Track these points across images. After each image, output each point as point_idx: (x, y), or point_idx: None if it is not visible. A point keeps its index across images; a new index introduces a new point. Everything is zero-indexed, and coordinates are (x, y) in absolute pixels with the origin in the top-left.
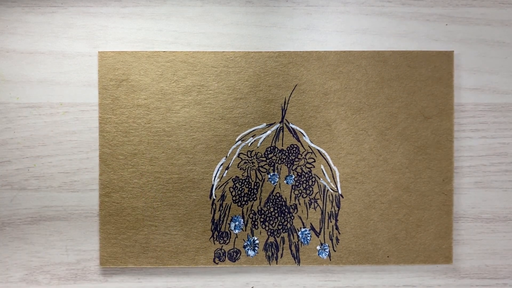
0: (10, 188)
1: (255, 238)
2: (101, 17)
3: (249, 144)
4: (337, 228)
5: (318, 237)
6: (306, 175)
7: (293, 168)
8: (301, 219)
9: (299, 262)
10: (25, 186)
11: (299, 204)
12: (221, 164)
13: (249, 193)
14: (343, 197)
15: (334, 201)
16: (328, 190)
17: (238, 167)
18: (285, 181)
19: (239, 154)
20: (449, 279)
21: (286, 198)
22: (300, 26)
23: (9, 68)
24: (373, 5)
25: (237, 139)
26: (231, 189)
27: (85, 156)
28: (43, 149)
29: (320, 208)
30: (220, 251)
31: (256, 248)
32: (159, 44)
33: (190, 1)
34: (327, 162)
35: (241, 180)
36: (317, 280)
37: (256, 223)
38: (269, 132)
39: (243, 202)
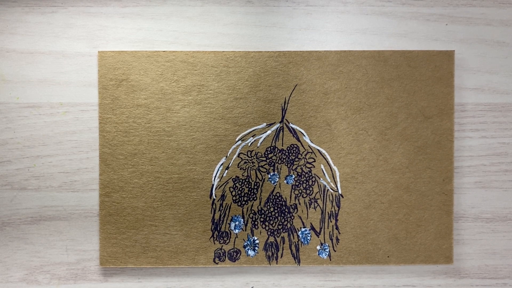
0: (10, 188)
1: (255, 238)
2: (101, 17)
3: (249, 144)
4: (337, 228)
5: (318, 237)
6: (306, 175)
7: (293, 168)
8: (301, 219)
9: (299, 262)
10: (25, 186)
11: (299, 204)
12: (221, 164)
13: (249, 193)
14: (343, 197)
15: (334, 201)
16: (328, 190)
17: (238, 167)
18: (285, 181)
19: (239, 154)
20: (449, 279)
21: (286, 198)
22: (300, 26)
23: (9, 68)
24: (373, 5)
25: (237, 139)
26: (231, 189)
27: (85, 156)
28: (43, 149)
29: (320, 208)
30: (220, 251)
31: (256, 248)
32: (159, 44)
33: (190, 1)
34: (327, 162)
35: (241, 180)
36: (317, 280)
37: (256, 223)
38: (269, 132)
39: (243, 202)
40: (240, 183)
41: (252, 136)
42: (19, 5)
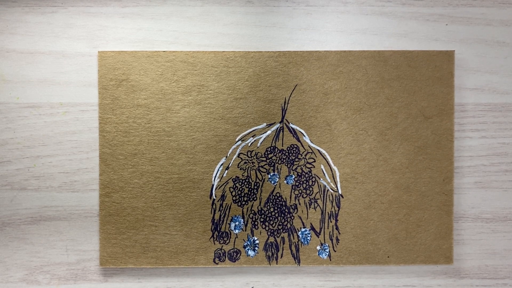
0: (10, 188)
1: (255, 238)
2: (101, 17)
3: (249, 144)
4: (337, 228)
5: (318, 237)
6: (306, 175)
7: (293, 168)
8: (301, 219)
9: (299, 262)
10: (25, 186)
11: (299, 204)
12: (221, 164)
13: (249, 193)
14: (343, 197)
15: (334, 201)
16: (328, 190)
17: (238, 167)
18: (285, 181)
19: (239, 154)
20: (449, 279)
21: (286, 198)
22: (300, 26)
23: (9, 68)
24: (373, 5)
25: (237, 139)
26: (231, 189)
27: (85, 156)
28: (43, 149)
29: (320, 208)
30: (220, 251)
31: (256, 248)
32: (159, 44)
33: (190, 1)
34: (327, 162)
35: (241, 180)
36: (317, 280)
37: (256, 223)
38: (269, 132)
39: (243, 202)
40: (240, 183)
41: (252, 136)
42: (19, 5)
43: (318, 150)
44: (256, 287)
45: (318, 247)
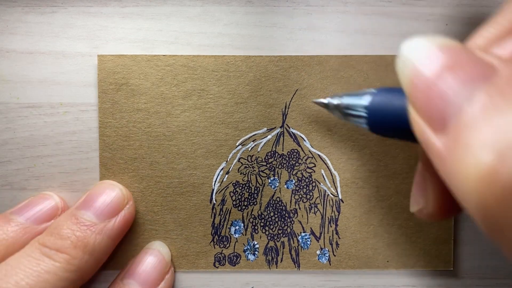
0: (10, 188)
1: (255, 243)
2: (101, 17)
3: (249, 149)
4: (337, 233)
5: (318, 242)
6: (307, 180)
7: (294, 173)
8: (301, 224)
9: (299, 266)
10: (25, 186)
11: (299, 208)
12: (222, 169)
13: (249, 197)
14: (343, 202)
15: (334, 206)
16: (328, 195)
17: (238, 172)
18: (285, 186)
19: (239, 158)
20: (449, 280)
21: (286, 203)
22: (300, 26)
23: (9, 68)
24: (373, 5)
25: (237, 144)
26: (232, 194)
27: (85, 156)
28: (43, 149)
29: (320, 212)
30: (220, 255)
31: (256, 252)
32: (159, 44)
33: (190, 1)
34: (327, 167)
35: (241, 185)
36: (317, 280)
37: (256, 227)
38: (269, 136)
39: (243, 207)
40: (240, 187)
41: (253, 141)
42: (19, 5)
43: (319, 155)
44: (256, 287)
45: (318, 252)
